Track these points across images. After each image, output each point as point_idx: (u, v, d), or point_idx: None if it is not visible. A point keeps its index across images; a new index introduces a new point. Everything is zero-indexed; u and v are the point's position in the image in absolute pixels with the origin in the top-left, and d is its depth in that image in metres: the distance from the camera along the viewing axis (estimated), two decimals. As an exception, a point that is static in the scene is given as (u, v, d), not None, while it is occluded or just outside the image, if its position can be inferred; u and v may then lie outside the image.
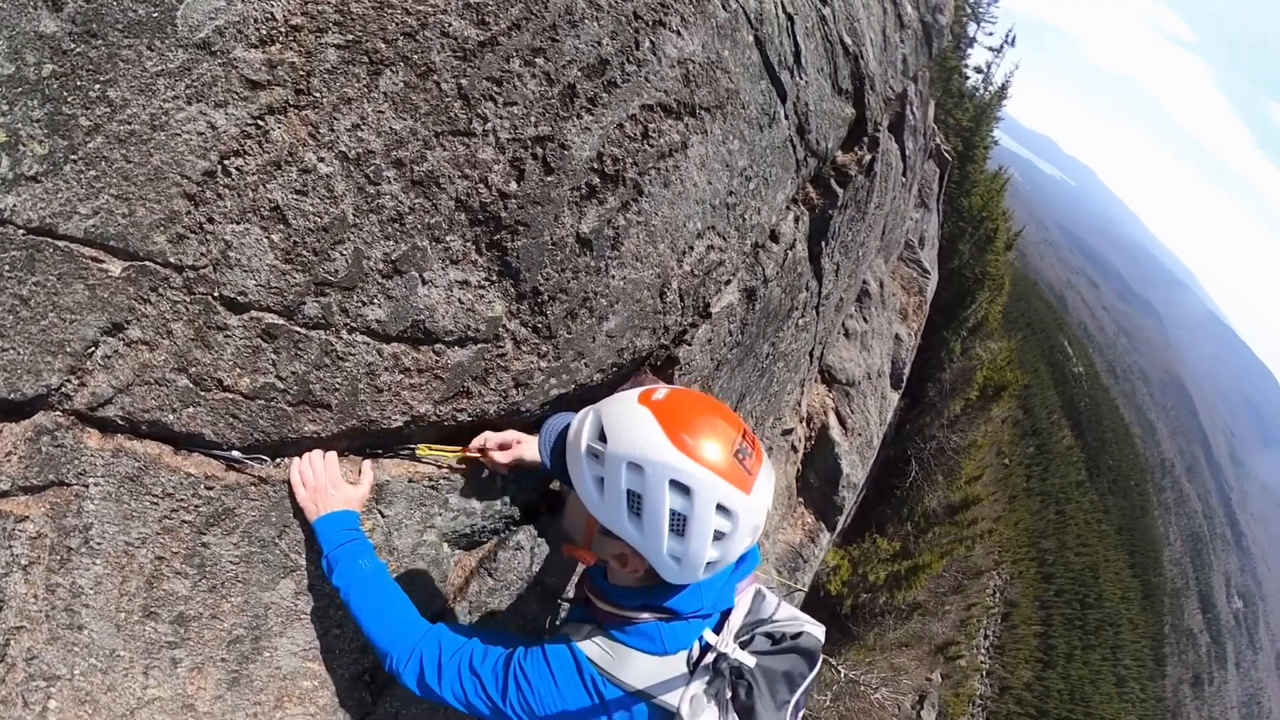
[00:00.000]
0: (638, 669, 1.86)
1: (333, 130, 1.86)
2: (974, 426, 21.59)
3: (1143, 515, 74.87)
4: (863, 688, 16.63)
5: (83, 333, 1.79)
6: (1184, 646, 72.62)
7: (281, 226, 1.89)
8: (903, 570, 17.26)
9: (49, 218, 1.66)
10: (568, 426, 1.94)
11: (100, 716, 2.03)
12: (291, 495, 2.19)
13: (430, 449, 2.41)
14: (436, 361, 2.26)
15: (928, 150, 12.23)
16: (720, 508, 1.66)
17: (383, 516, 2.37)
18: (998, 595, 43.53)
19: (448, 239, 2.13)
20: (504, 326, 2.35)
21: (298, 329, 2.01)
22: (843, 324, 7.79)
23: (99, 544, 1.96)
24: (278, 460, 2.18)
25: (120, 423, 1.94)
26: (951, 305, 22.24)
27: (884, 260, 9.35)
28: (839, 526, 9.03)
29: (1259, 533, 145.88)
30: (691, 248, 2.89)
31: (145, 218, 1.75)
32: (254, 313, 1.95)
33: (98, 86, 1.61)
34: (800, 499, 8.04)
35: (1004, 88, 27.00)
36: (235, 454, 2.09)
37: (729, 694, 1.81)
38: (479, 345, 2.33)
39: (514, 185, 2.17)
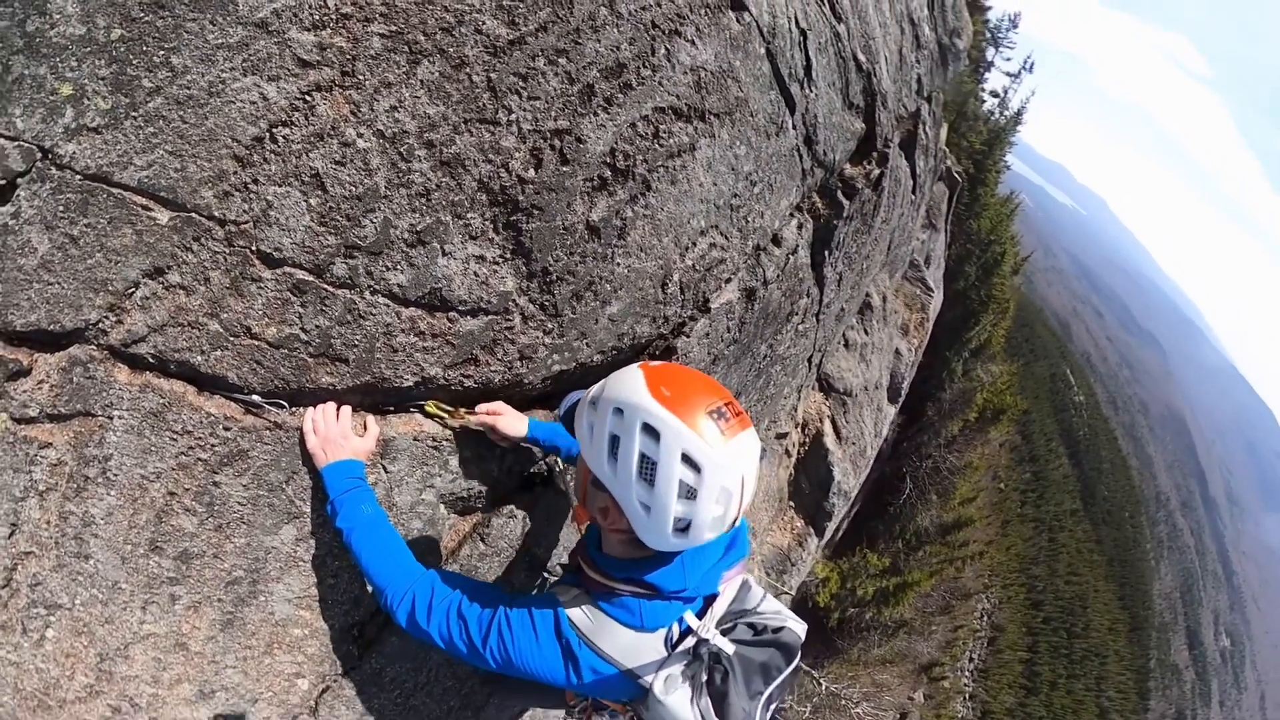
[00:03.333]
0: (616, 640, 1.92)
1: (373, 110, 2.02)
2: (971, 448, 21.40)
3: (1135, 548, 74.26)
4: (844, 701, 16.25)
5: (126, 273, 1.89)
6: (1169, 682, 71.91)
7: (320, 192, 2.03)
8: (891, 587, 17.14)
9: (106, 166, 1.78)
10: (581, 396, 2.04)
11: (95, 649, 2.07)
12: (302, 443, 2.27)
13: (439, 406, 2.54)
14: (449, 328, 2.41)
15: (938, 171, 12.26)
16: (686, 458, 1.71)
17: (386, 471, 2.46)
18: (985, 619, 43.16)
19: (469, 216, 2.30)
20: (514, 301, 2.50)
21: (326, 286, 2.13)
22: (843, 334, 7.83)
23: (115, 475, 2.01)
24: (293, 408, 2.26)
25: (151, 360, 2.02)
26: (955, 326, 22.05)
27: (888, 275, 9.39)
28: (828, 534, 9.08)
29: (1250, 572, 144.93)
30: (694, 244, 3.05)
31: (196, 174, 1.87)
32: (287, 268, 2.07)
33: (162, 53, 1.74)
34: (791, 503, 8.07)
35: (1019, 113, 26.71)
36: (255, 398, 2.18)
37: (704, 678, 1.85)
38: (490, 316, 2.47)
39: (532, 172, 2.35)
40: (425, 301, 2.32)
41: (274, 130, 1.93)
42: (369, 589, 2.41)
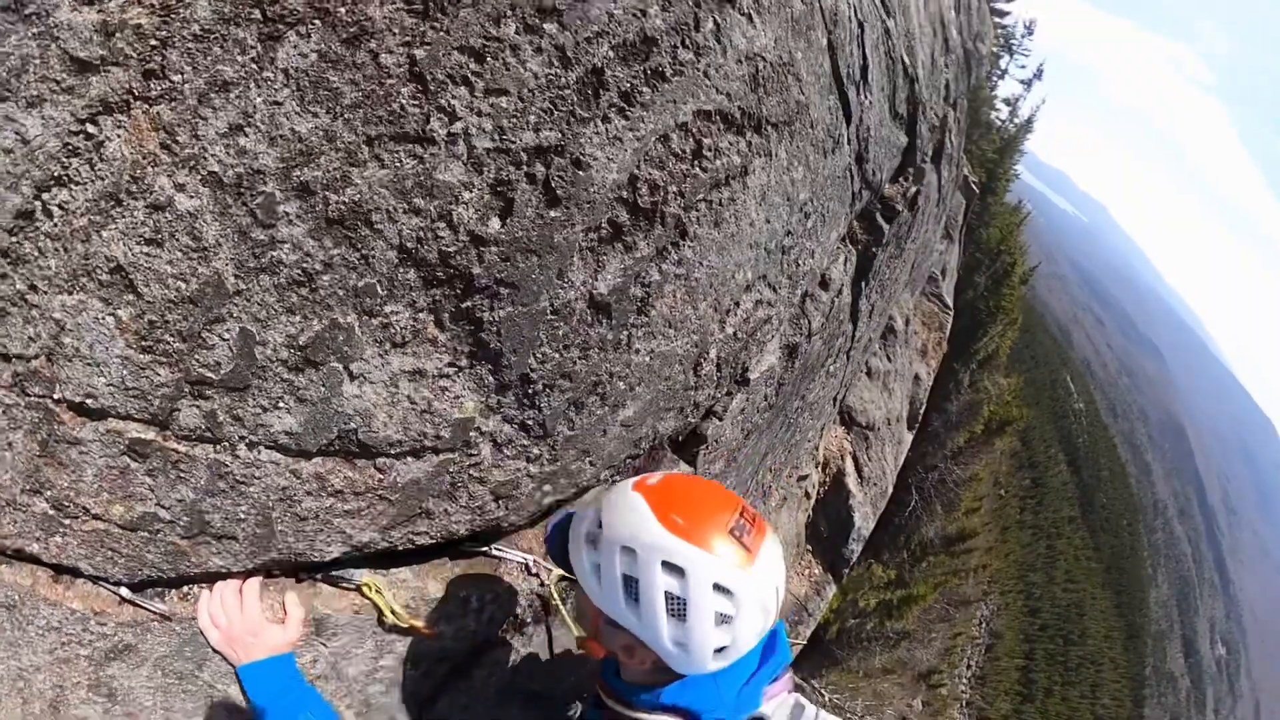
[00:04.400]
0: None
1: (197, 137, 1.25)
2: (976, 459, 21.47)
3: (1132, 555, 75.07)
4: (846, 713, 16.60)
5: None
6: (1164, 689, 72.49)
7: (130, 297, 1.33)
8: (895, 599, 17.24)
9: None
10: (569, 517, 1.81)
11: None
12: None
13: (378, 592, 1.92)
14: (380, 480, 1.73)
15: (957, 180, 11.87)
16: (718, 587, 1.58)
17: (325, 647, 1.89)
18: (984, 626, 43.61)
19: (387, 310, 1.54)
20: (477, 430, 1.77)
21: (174, 447, 1.52)
22: (865, 362, 7.35)
23: None
24: (185, 590, 1.77)
25: None
26: (963, 337, 22.02)
27: (909, 294, 8.94)
28: (842, 579, 8.65)
29: (1247, 580, 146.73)
30: (737, 304, 2.29)
31: None
32: (112, 421, 1.46)
33: None
34: (809, 547, 7.68)
35: (1030, 121, 26.80)
36: (123, 590, 1.71)
37: None
38: (441, 456, 1.76)
39: (495, 224, 1.54)
40: (335, 449, 1.62)
41: (44, 196, 1.21)
42: None
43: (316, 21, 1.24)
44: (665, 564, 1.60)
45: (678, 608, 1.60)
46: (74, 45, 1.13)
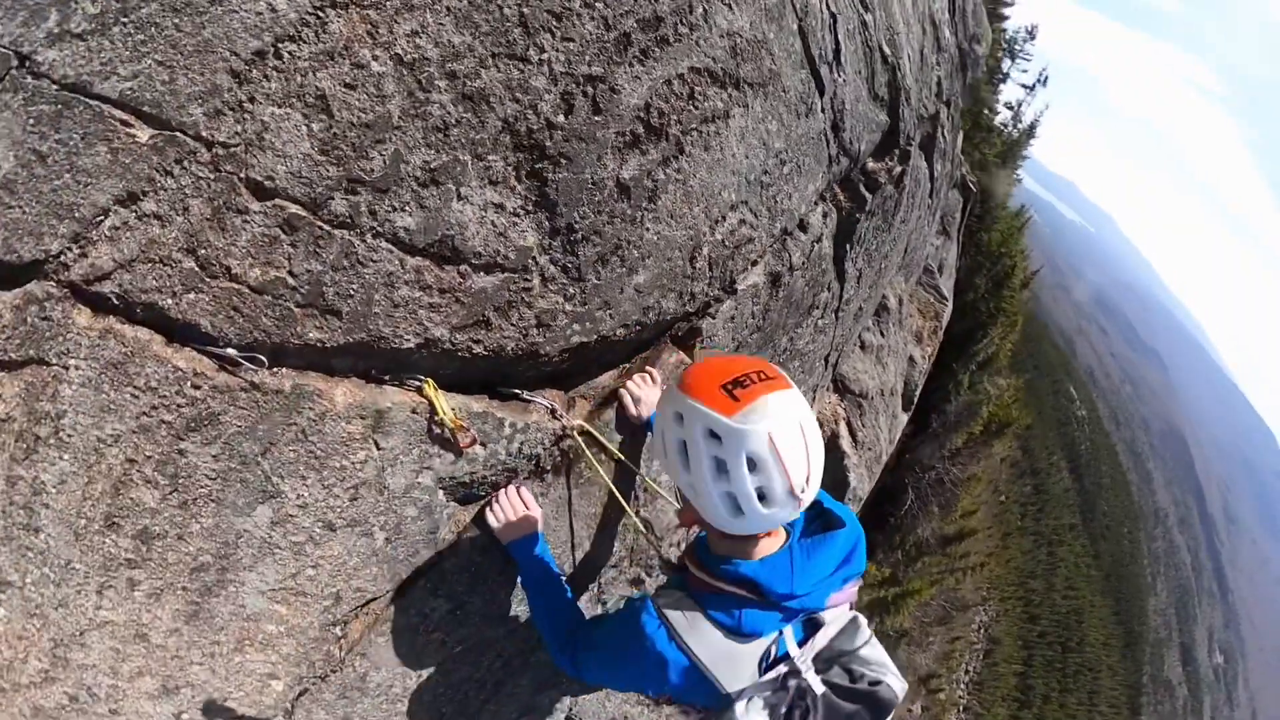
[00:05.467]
0: (710, 643, 1.87)
1: (392, 32, 1.81)
2: (974, 461, 21.39)
3: (1132, 563, 74.62)
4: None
5: (95, 198, 1.64)
6: (1161, 697, 71.97)
7: (324, 116, 1.79)
8: (890, 597, 17.20)
9: (86, 75, 1.54)
10: None
11: (48, 633, 1.87)
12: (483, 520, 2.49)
13: (436, 392, 2.28)
14: (460, 284, 2.18)
15: (954, 178, 12.18)
16: (709, 434, 1.74)
17: (378, 448, 2.20)
18: (982, 631, 43.38)
19: (490, 158, 2.09)
20: (534, 259, 2.30)
21: (321, 224, 1.89)
22: (859, 335, 7.73)
23: (69, 436, 1.77)
24: (274, 367, 2.01)
25: (115, 301, 1.76)
26: (963, 339, 21.95)
27: (904, 279, 9.28)
28: None
29: (1245, 589, 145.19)
30: (724, 217, 2.90)
31: (185, 88, 1.63)
32: (279, 200, 1.82)
33: None
34: None
35: (1033, 127, 26.71)
36: (230, 351, 1.90)
37: (784, 709, 1.82)
38: (505, 274, 2.26)
39: (562, 118, 2.16)
40: (434, 251, 2.09)
41: (279, 45, 1.69)
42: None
43: (469, -19, 1.90)
44: (675, 414, 1.82)
45: (683, 456, 1.81)
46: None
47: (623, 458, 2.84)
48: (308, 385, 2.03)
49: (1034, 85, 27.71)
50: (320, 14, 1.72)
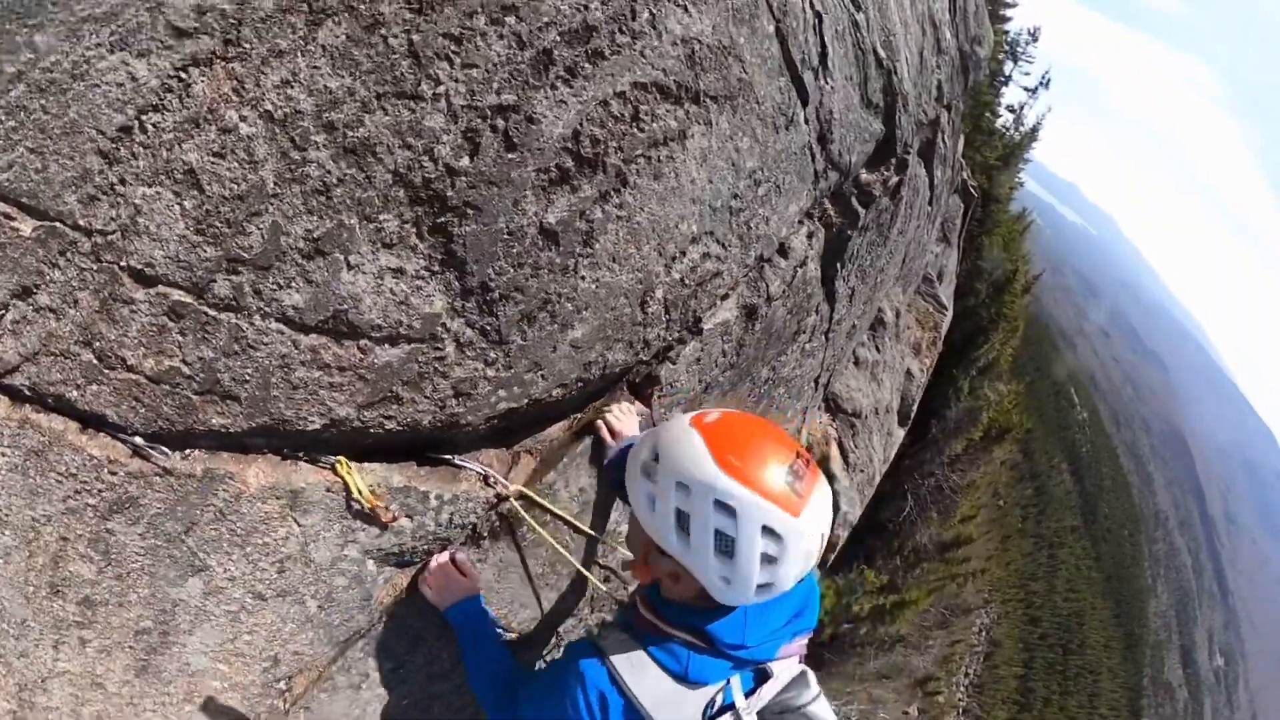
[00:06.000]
0: (653, 686, 1.81)
1: (259, 85, 1.69)
2: (974, 467, 21.35)
3: (1132, 565, 74.97)
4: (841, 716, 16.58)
5: None
6: (1161, 700, 72.21)
7: (195, 192, 1.72)
8: (888, 604, 17.12)
9: None
10: (629, 446, 2.07)
11: (13, 678, 1.99)
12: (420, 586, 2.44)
13: (349, 471, 2.20)
14: (361, 359, 2.06)
15: (954, 183, 11.92)
16: (767, 530, 1.65)
17: (298, 525, 2.19)
18: (983, 634, 43.49)
19: (381, 218, 1.92)
20: (444, 325, 2.12)
21: (206, 309, 1.84)
22: (853, 351, 7.46)
23: (7, 515, 1.87)
24: (185, 452, 2.02)
25: (27, 393, 1.81)
26: (963, 344, 21.87)
27: (902, 290, 9.03)
28: (828, 564, 8.69)
29: (1246, 591, 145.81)
30: (684, 253, 2.57)
31: (58, 174, 1.61)
32: (161, 287, 1.79)
33: (25, 30, 1.48)
34: None
35: (1035, 130, 26.59)
36: (138, 440, 1.94)
37: None
38: (412, 345, 2.10)
39: (466, 160, 1.96)
40: (329, 327, 1.96)
41: (142, 118, 1.62)
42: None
43: (345, 14, 1.70)
44: (718, 503, 1.66)
45: (726, 546, 1.68)
46: (175, 18, 1.55)
47: (569, 519, 2.69)
48: (219, 469, 2.06)
49: (1037, 88, 27.56)
50: (182, 75, 1.63)
